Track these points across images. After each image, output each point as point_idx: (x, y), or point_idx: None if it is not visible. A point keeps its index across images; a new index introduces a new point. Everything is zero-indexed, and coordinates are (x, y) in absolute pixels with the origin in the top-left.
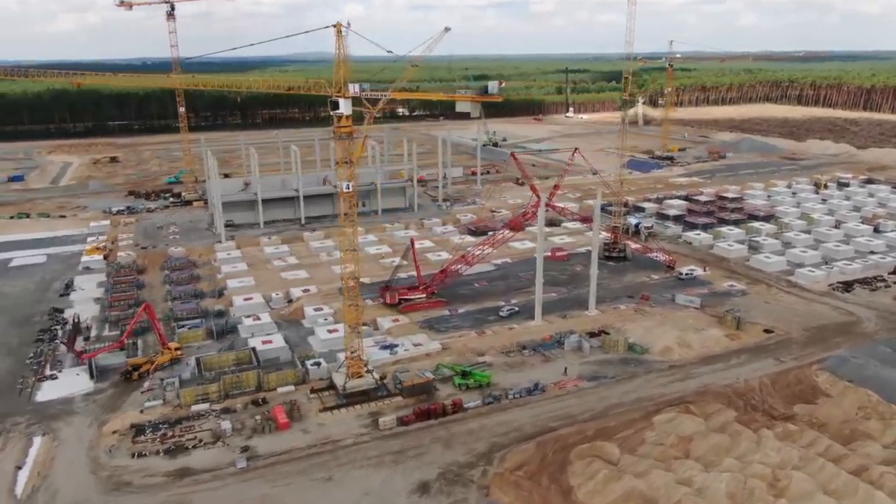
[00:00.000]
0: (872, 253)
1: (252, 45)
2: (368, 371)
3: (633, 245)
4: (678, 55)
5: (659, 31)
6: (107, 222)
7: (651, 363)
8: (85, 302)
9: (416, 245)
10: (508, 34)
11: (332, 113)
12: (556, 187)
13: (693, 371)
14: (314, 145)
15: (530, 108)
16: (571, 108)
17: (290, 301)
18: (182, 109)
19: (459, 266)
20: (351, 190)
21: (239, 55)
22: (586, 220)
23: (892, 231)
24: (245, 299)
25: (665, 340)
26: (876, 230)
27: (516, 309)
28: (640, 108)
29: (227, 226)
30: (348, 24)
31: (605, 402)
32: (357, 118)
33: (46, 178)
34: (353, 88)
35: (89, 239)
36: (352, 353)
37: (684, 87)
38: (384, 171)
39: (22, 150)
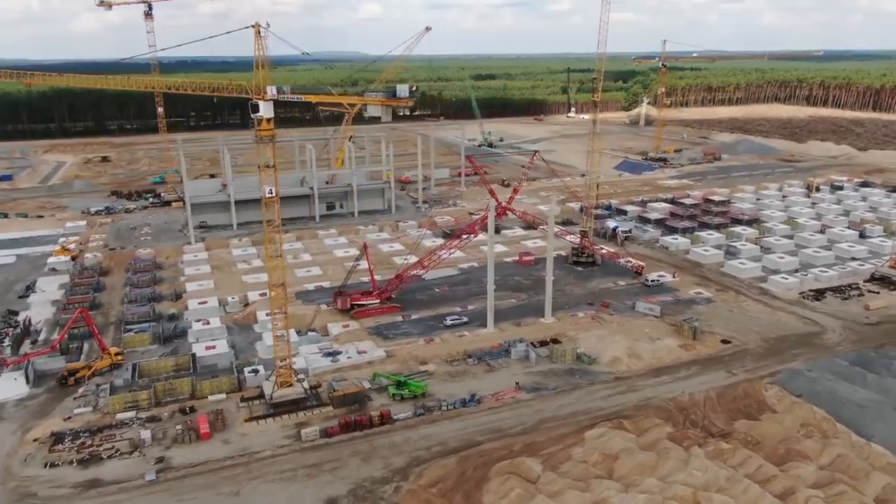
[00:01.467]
0: (854, 259)
1: (179, 45)
2: (299, 380)
3: (602, 250)
4: (694, 54)
5: (677, 30)
6: (83, 223)
7: (597, 374)
8: (42, 304)
9: (385, 248)
10: (524, 33)
11: (252, 116)
12: (515, 191)
13: (638, 383)
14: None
15: (532, 108)
16: (573, 108)
17: (246, 305)
18: (160, 110)
19: (416, 271)
20: (274, 195)
21: (249, 54)
22: (538, 223)
23: (878, 237)
24: (200, 303)
25: (614, 350)
26: (861, 235)
27: (463, 319)
28: (643, 109)
29: (200, 227)
30: (267, 24)
31: (540, 415)
32: (338, 118)
33: (36, 177)
34: (271, 91)
35: (60, 240)
36: (281, 361)
37: (689, 87)
38: (365, 172)
39: (19, 150)
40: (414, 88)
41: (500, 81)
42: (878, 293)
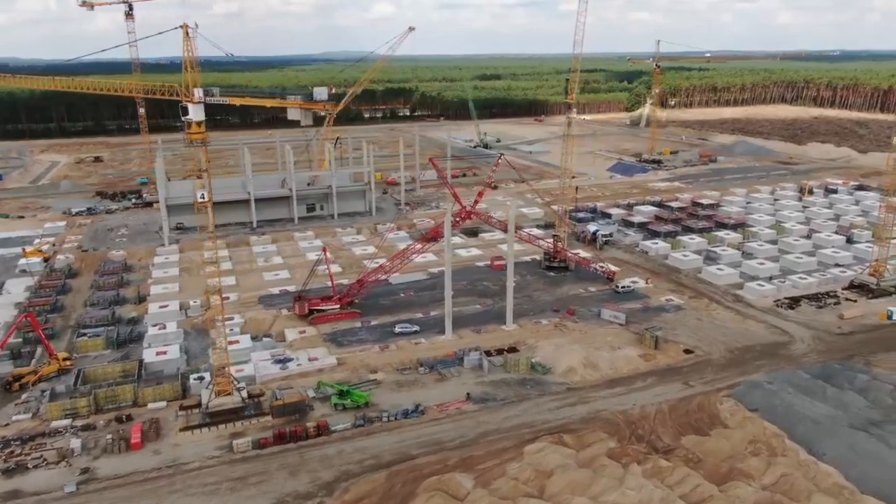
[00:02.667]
0: (837, 265)
1: (114, 47)
2: (238, 389)
3: (577, 255)
4: (707, 55)
5: (691, 30)
6: (63, 223)
7: (549, 385)
8: (5, 306)
9: (359, 251)
10: (537, 33)
11: (183, 119)
12: (480, 195)
13: (590, 395)
14: (297, 146)
15: (534, 109)
16: (574, 109)
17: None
18: (142, 111)
19: (378, 275)
20: (206, 199)
21: (265, 54)
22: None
23: (865, 242)
24: (161, 306)
25: (570, 360)
26: (849, 241)
27: (414, 328)
28: (646, 109)
29: (177, 228)
30: (196, 25)
31: (482, 427)
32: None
33: (27, 177)
34: (198, 94)
35: (35, 241)
36: (219, 369)
37: (694, 88)
38: (348, 173)
39: (16, 149)
40: (333, 91)
41: (505, 82)
42: (855, 301)
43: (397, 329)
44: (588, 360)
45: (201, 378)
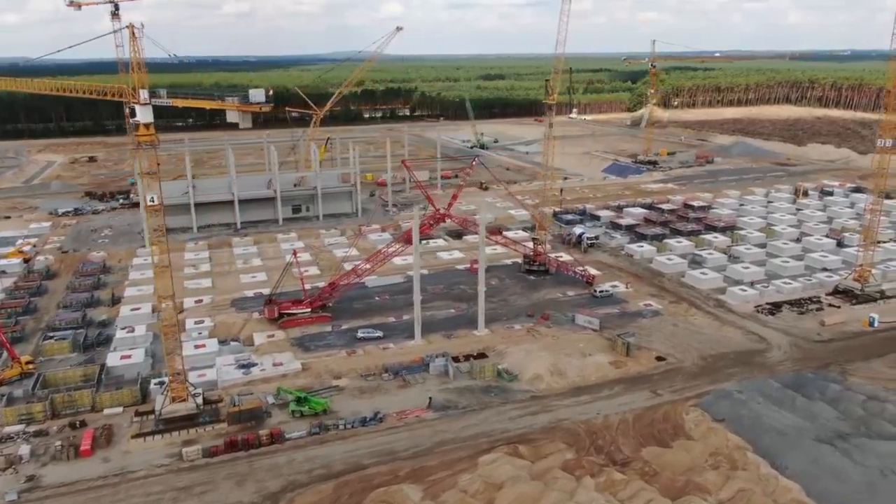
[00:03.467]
0: (825, 270)
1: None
2: (194, 395)
3: (559, 258)
4: (717, 54)
5: (700, 30)
6: (48, 224)
7: (514, 393)
8: None
9: (341, 253)
10: (546, 33)
11: (131, 121)
12: (454, 197)
13: (554, 403)
14: (286, 146)
15: (535, 109)
16: (575, 109)
17: (180, 312)
18: (128, 111)
19: (350, 279)
20: (156, 203)
21: (275, 54)
22: (491, 232)
23: (856, 246)
24: (132, 309)
25: (537, 367)
26: (839, 244)
27: (377, 333)
28: (649, 110)
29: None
30: (142, 25)
31: (440, 436)
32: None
33: (21, 177)
34: (143, 95)
35: (18, 241)
36: (175, 375)
37: (697, 88)
38: (336, 174)
39: (14, 149)
40: (270, 93)
41: (508, 82)
42: (838, 307)
43: (360, 334)
44: (555, 367)
45: (162, 383)
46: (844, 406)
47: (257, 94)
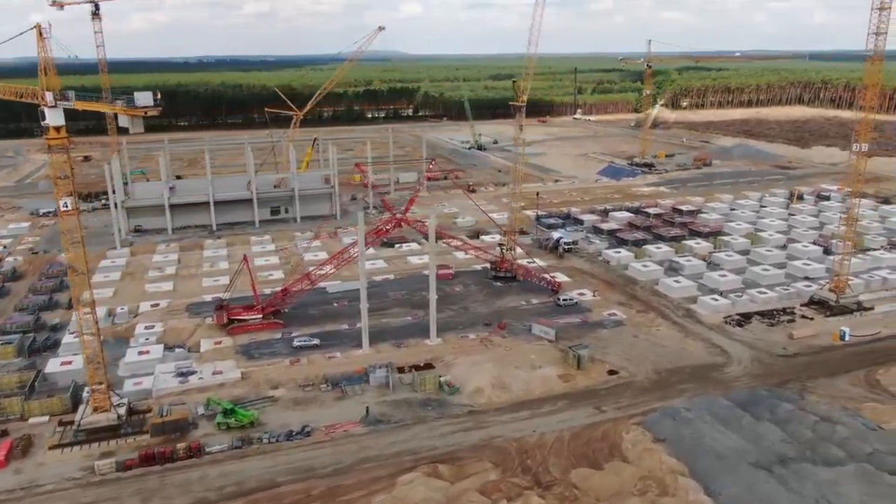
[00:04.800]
0: (807, 279)
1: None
2: (119, 405)
3: (522, 264)
4: (737, 54)
5: (723, 29)
6: (27, 224)
7: (452, 407)
8: None
9: (309, 256)
10: (566, 32)
11: (42, 124)
12: (410, 201)
13: (491, 419)
14: (267, 147)
15: (540, 109)
16: (580, 110)
17: (135, 316)
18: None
19: (303, 284)
20: (70, 209)
21: (294, 53)
22: (445, 236)
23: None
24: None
25: (480, 380)
26: (826, 252)
27: (314, 341)
28: (655, 111)
29: (136, 231)
30: (49, 25)
31: (364, 453)
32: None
33: (14, 177)
34: (49, 97)
35: None
36: (97, 384)
37: (706, 88)
38: (319, 175)
39: (14, 148)
40: (158, 96)
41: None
42: (811, 319)
43: (296, 342)
44: (499, 380)
45: (107, 389)
46: (793, 427)
47: (143, 98)
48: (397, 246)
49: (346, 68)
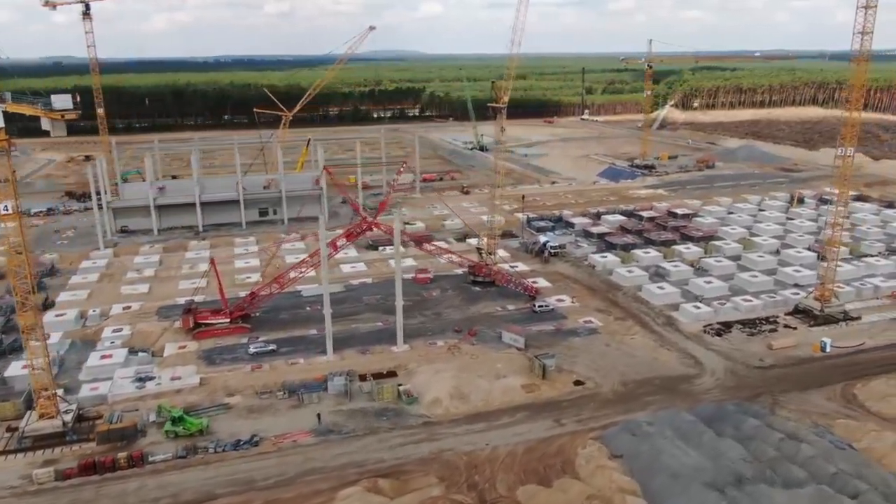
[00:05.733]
0: (797, 286)
1: None
2: (66, 411)
3: (499, 269)
4: (757, 54)
5: (745, 28)
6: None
7: (408, 417)
8: None
9: (290, 259)
10: (586, 32)
11: None
12: (381, 205)
13: (444, 431)
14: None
15: (548, 110)
16: (587, 111)
17: (106, 318)
18: (100, 111)
19: (271, 288)
20: (10, 212)
21: (314, 53)
22: (418, 239)
23: (838, 260)
24: (57, 315)
25: (438, 390)
26: (820, 258)
27: (269, 347)
28: (664, 111)
29: (122, 231)
30: None
31: (309, 464)
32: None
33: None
34: None
35: None
36: (41, 389)
37: (717, 89)
38: (310, 176)
39: (19, 147)
40: (77, 99)
41: (528, 81)
42: (794, 329)
43: (251, 349)
44: (458, 390)
45: (54, 395)
46: (756, 445)
47: (60, 101)
48: (381, 249)
49: (335, 69)
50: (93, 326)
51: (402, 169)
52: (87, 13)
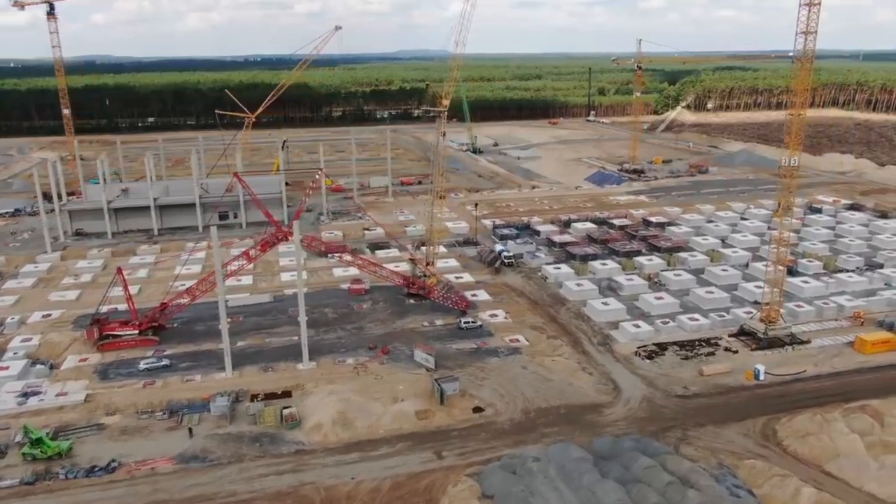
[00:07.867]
0: (756, 303)
1: None
2: None
3: (427, 281)
4: (791, 53)
5: (777, 28)
6: None
7: (282, 444)
8: None
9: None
10: (616, 31)
11: None
12: (297, 212)
13: (313, 461)
14: (220, 149)
15: (553, 111)
16: (593, 112)
17: (22, 326)
18: (66, 111)
19: (182, 299)
20: None
21: (345, 52)
22: (334, 250)
23: (809, 275)
24: None
25: (323, 414)
26: (791, 273)
27: (162, 362)
28: (674, 113)
29: (76, 234)
30: None
31: (155, 496)
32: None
33: (2, 175)
34: None
35: None
36: None
37: (730, 90)
38: (280, 180)
39: (17, 146)
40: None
41: (541, 82)
42: (734, 352)
43: (142, 365)
44: (343, 415)
45: None
46: (639, 490)
47: None
48: (330, 257)
49: (301, 68)
50: (8, 335)
51: (318, 176)
52: (51, 13)
